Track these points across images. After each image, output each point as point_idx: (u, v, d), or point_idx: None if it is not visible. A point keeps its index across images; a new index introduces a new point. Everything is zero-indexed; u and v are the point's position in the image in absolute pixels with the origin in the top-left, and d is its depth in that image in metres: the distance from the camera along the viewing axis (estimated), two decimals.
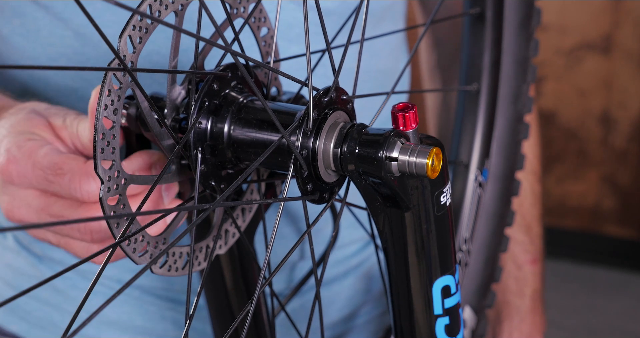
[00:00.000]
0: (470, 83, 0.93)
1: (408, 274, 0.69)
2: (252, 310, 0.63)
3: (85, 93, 0.92)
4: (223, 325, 0.82)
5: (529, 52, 0.94)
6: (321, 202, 0.66)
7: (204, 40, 0.57)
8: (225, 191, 0.61)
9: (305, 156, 0.63)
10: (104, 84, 0.60)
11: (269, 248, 0.63)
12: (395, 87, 0.76)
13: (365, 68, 0.98)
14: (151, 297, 1.01)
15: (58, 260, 1.01)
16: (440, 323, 0.71)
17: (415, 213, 0.66)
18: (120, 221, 0.62)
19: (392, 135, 0.63)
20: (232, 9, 0.70)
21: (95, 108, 0.66)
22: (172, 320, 1.01)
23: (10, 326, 1.03)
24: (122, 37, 0.60)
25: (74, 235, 0.73)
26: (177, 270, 0.69)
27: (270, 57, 0.74)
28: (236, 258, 0.80)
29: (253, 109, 0.67)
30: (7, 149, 0.73)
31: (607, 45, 3.24)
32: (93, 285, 0.57)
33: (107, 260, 0.58)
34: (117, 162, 0.62)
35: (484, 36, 0.92)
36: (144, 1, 0.61)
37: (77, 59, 0.91)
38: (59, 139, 0.75)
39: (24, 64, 0.94)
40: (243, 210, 0.76)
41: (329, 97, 0.65)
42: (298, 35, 0.91)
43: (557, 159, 3.44)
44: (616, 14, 3.19)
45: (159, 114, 0.65)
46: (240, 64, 0.60)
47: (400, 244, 0.68)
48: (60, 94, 0.94)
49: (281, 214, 0.63)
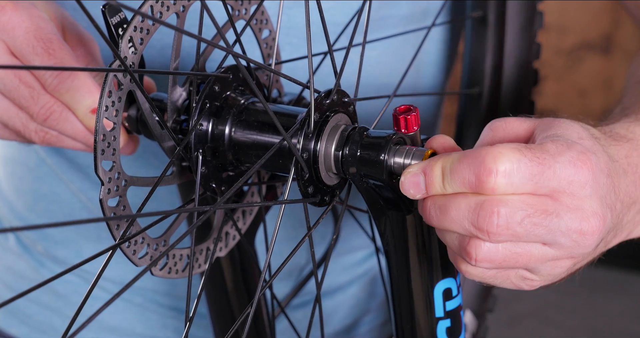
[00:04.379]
0: (472, 86, 0.93)
1: (409, 277, 0.69)
2: (253, 312, 0.63)
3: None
4: (223, 328, 0.82)
5: (531, 56, 0.93)
6: (322, 204, 0.66)
7: (206, 41, 0.57)
8: (226, 193, 0.60)
9: (307, 159, 0.63)
10: (105, 85, 0.60)
11: (269, 251, 0.63)
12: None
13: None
14: (153, 304, 1.00)
15: (61, 260, 1.01)
16: (441, 326, 0.71)
17: (416, 216, 0.66)
18: (121, 223, 0.62)
19: (394, 138, 0.63)
20: (234, 10, 0.70)
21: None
22: (173, 328, 1.01)
23: (10, 329, 1.03)
24: (123, 38, 0.60)
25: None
26: (177, 272, 0.69)
27: (271, 59, 0.74)
28: (237, 261, 0.79)
29: (254, 111, 0.67)
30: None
31: (607, 45, 3.24)
32: (93, 287, 0.57)
33: (107, 263, 0.58)
34: (117, 164, 0.62)
35: (486, 39, 0.91)
36: (145, 2, 0.60)
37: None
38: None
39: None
40: (244, 212, 0.75)
41: (331, 100, 0.65)
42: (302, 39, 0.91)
43: None
44: (616, 14, 3.19)
45: (160, 116, 0.65)
46: (241, 65, 0.60)
47: (401, 247, 0.68)
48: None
49: (282, 218, 0.63)
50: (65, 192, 0.99)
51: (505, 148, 0.59)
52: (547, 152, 0.60)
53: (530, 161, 0.59)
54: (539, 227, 0.60)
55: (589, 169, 0.61)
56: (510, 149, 0.59)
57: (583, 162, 0.61)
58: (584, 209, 0.61)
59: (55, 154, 0.98)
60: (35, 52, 0.69)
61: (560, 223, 0.60)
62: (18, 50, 0.70)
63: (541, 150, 0.60)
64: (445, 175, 0.60)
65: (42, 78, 0.70)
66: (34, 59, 0.69)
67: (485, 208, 0.59)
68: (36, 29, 0.70)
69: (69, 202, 0.99)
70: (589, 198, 0.61)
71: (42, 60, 0.69)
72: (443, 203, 0.61)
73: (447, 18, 0.97)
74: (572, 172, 0.60)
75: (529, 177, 0.59)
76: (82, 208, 0.98)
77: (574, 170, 0.60)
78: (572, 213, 0.61)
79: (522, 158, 0.59)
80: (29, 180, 1.01)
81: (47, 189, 1.00)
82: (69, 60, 0.70)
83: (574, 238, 0.61)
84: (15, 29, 0.70)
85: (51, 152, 0.98)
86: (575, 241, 0.61)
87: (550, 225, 0.60)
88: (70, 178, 0.98)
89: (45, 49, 0.69)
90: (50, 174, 0.99)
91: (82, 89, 0.69)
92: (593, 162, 0.61)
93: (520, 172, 0.59)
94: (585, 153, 0.61)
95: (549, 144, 0.61)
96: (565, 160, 0.60)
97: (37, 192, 1.01)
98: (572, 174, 0.60)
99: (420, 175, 0.61)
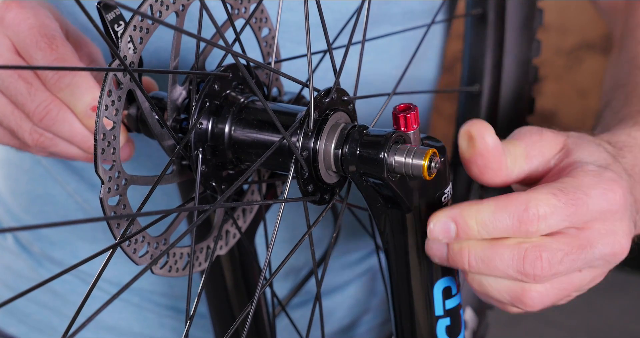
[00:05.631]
0: (472, 84, 0.93)
1: (409, 275, 0.69)
2: (253, 310, 0.63)
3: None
4: (223, 326, 0.82)
5: (531, 53, 0.94)
6: (322, 203, 0.66)
7: (205, 40, 0.57)
8: (226, 192, 0.60)
9: (306, 157, 0.63)
10: (105, 85, 0.60)
11: (269, 249, 0.63)
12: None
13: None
14: (150, 304, 1.00)
15: (58, 261, 1.01)
16: (441, 325, 0.71)
17: (416, 215, 0.66)
18: (121, 222, 0.62)
19: (394, 137, 0.63)
20: (233, 9, 0.70)
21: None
22: (170, 328, 1.01)
23: (9, 328, 1.03)
24: (122, 38, 0.60)
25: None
26: (177, 270, 0.69)
27: (271, 57, 0.74)
28: (237, 259, 0.79)
29: (254, 110, 0.67)
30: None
31: (607, 45, 3.24)
32: (93, 287, 0.57)
33: (107, 261, 0.58)
34: (117, 163, 0.62)
35: (486, 37, 0.92)
36: (145, 1, 0.60)
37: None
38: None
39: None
40: (244, 210, 0.75)
41: (330, 98, 0.65)
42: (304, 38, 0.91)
43: None
44: None
45: (160, 115, 0.65)
46: (241, 64, 0.60)
47: (401, 245, 0.68)
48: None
49: (282, 218, 0.63)
50: (60, 194, 0.99)
51: (542, 194, 0.63)
52: (579, 189, 0.64)
53: (565, 204, 0.63)
54: (577, 261, 0.65)
55: (620, 196, 0.66)
56: (546, 194, 0.63)
57: (614, 192, 0.65)
58: (616, 233, 0.66)
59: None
60: (38, 47, 0.70)
61: (595, 252, 0.66)
62: (22, 46, 0.71)
63: (574, 188, 0.64)
64: (482, 225, 0.64)
65: (42, 74, 0.70)
66: (36, 54, 0.70)
67: (528, 256, 0.64)
68: (41, 26, 0.70)
69: (65, 204, 0.99)
70: (619, 221, 0.66)
71: (45, 55, 0.69)
72: (485, 253, 0.64)
73: (442, 16, 0.97)
74: (605, 204, 0.65)
75: (564, 218, 0.64)
76: (77, 209, 0.98)
77: (606, 202, 0.65)
78: (605, 239, 0.66)
79: (558, 203, 0.63)
80: (24, 181, 1.01)
81: (42, 191, 1.00)
82: (71, 57, 0.70)
83: (607, 260, 0.67)
84: (21, 25, 0.70)
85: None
86: (608, 261, 0.67)
87: (586, 257, 0.65)
88: (66, 180, 0.98)
89: (48, 44, 0.69)
90: (46, 176, 0.99)
91: (82, 86, 0.69)
92: (623, 187, 0.66)
93: (556, 216, 0.63)
94: (616, 181, 0.66)
95: (582, 177, 0.65)
96: (598, 193, 0.65)
97: (32, 194, 1.01)
98: (605, 205, 0.65)
99: (451, 223, 0.64)
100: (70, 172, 0.98)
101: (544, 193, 0.64)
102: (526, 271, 0.64)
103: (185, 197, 0.75)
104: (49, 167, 0.99)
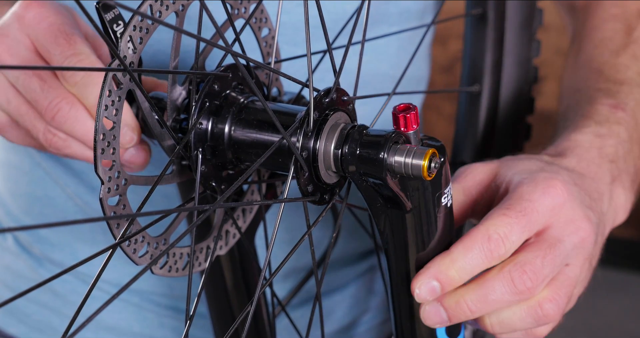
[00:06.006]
0: (472, 84, 0.93)
1: (409, 275, 0.69)
2: (253, 310, 0.63)
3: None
4: (223, 326, 0.82)
5: (531, 53, 0.94)
6: (322, 203, 0.66)
7: (205, 41, 0.57)
8: (226, 192, 0.60)
9: (306, 157, 0.63)
10: (105, 85, 0.60)
11: (269, 249, 0.63)
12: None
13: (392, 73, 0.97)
14: (150, 304, 1.00)
15: (58, 262, 1.01)
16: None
17: (416, 215, 0.66)
18: (121, 222, 0.62)
19: (393, 137, 0.63)
20: (233, 9, 0.70)
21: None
22: (170, 328, 1.01)
23: (9, 328, 1.03)
24: (122, 38, 0.60)
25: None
26: (177, 270, 0.69)
27: (271, 57, 0.74)
28: (237, 259, 0.79)
29: (254, 110, 0.67)
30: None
31: None
32: (93, 287, 0.57)
33: (107, 261, 0.58)
34: (117, 163, 0.62)
35: (486, 37, 0.92)
36: (144, 2, 0.61)
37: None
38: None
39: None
40: (244, 210, 0.75)
41: (330, 98, 0.65)
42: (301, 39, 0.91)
43: None
44: None
45: (160, 115, 0.65)
46: (240, 64, 0.60)
47: (401, 245, 0.68)
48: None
49: (281, 219, 0.63)
50: (60, 196, 0.99)
51: (494, 218, 0.68)
52: (522, 199, 0.69)
53: (517, 218, 0.68)
54: (556, 259, 0.69)
55: (561, 188, 0.70)
56: (498, 216, 0.68)
57: (554, 186, 0.70)
58: (574, 220, 0.71)
59: (50, 158, 0.98)
60: (57, 43, 0.70)
61: (566, 244, 0.70)
62: (40, 44, 0.71)
63: (517, 200, 0.69)
64: (461, 271, 0.68)
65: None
66: (55, 50, 0.70)
67: (514, 276, 0.68)
68: (60, 24, 0.71)
69: (64, 206, 0.99)
70: (572, 210, 0.71)
71: (63, 51, 0.70)
72: (478, 294, 0.68)
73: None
74: (550, 201, 0.70)
75: (522, 230, 0.68)
76: (77, 211, 0.98)
77: (550, 199, 0.70)
78: (567, 230, 0.70)
79: (510, 220, 0.68)
80: (24, 183, 1.01)
81: (41, 193, 1.00)
82: (89, 54, 0.70)
83: (581, 247, 0.71)
84: (41, 23, 0.71)
85: (46, 156, 0.98)
86: (583, 248, 0.71)
87: (562, 252, 0.70)
88: (65, 182, 0.98)
89: (67, 40, 0.70)
90: (45, 178, 0.99)
91: (95, 79, 0.69)
92: (560, 180, 0.71)
93: (515, 231, 0.68)
94: (552, 177, 0.71)
95: (519, 189, 0.70)
96: (539, 195, 0.69)
97: (31, 196, 1.01)
98: (551, 202, 0.70)
99: (433, 281, 0.68)
100: (70, 174, 0.98)
101: (495, 217, 0.68)
102: (520, 289, 0.68)
103: (185, 197, 0.75)
104: (49, 169, 0.99)
